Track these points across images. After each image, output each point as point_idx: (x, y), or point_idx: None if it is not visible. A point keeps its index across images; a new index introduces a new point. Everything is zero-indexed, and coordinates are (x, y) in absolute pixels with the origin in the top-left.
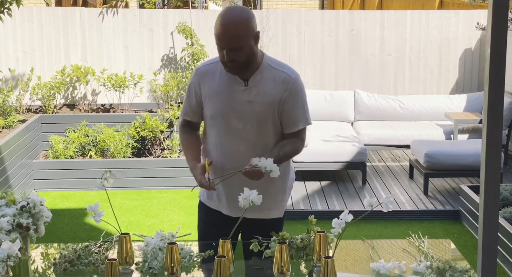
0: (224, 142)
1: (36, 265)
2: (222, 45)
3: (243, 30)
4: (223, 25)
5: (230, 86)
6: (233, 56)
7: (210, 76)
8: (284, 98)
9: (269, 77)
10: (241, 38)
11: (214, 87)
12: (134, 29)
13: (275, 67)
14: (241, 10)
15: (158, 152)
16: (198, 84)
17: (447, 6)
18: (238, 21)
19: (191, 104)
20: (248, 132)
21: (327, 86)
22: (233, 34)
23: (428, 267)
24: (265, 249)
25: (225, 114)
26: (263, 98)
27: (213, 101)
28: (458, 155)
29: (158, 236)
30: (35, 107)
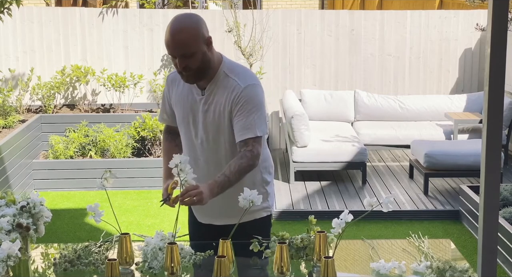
0: (188, 150)
1: (36, 265)
2: (173, 53)
3: (192, 34)
4: (171, 32)
5: (191, 95)
6: (185, 63)
7: (176, 83)
8: (233, 106)
9: (222, 86)
10: (191, 43)
11: (178, 95)
12: (134, 29)
13: (229, 74)
14: (189, 16)
15: (158, 152)
16: (168, 91)
17: (447, 6)
18: (186, 27)
19: (166, 110)
20: (204, 142)
21: (327, 86)
22: (182, 40)
23: (428, 267)
24: (265, 249)
25: (186, 122)
26: (215, 107)
27: (177, 109)
28: (458, 155)
29: (158, 236)
30: (35, 107)
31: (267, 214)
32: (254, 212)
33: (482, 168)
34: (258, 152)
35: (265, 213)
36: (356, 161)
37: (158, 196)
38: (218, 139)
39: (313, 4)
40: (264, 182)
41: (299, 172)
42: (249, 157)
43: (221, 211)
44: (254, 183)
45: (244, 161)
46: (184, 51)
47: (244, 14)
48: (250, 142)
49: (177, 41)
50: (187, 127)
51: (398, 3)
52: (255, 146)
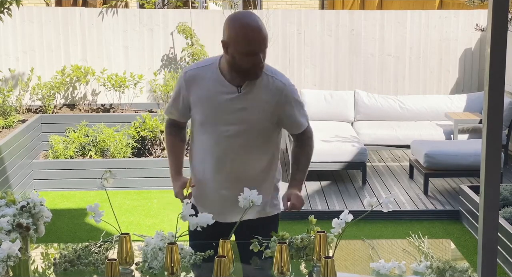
0: (214, 147)
1: (36, 265)
2: (256, 50)
3: (266, 31)
4: (253, 29)
5: (221, 92)
6: (261, 59)
7: (199, 80)
8: (281, 104)
9: (262, 84)
10: (267, 38)
11: (203, 93)
12: (134, 29)
13: (268, 73)
14: (254, 14)
15: (158, 152)
16: (186, 88)
17: (447, 6)
18: (261, 24)
19: (177, 106)
20: (242, 139)
21: (327, 86)
22: (264, 36)
23: (428, 267)
24: (265, 249)
25: (215, 120)
26: (258, 104)
27: (202, 107)
28: (458, 155)
29: (158, 236)
30: (35, 107)
31: (277, 212)
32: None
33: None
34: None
35: (276, 211)
36: (356, 161)
37: (158, 196)
38: (256, 135)
39: (313, 4)
40: (276, 179)
41: None
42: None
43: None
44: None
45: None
46: (265, 46)
47: None
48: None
49: (261, 37)
50: (215, 126)
51: (398, 3)
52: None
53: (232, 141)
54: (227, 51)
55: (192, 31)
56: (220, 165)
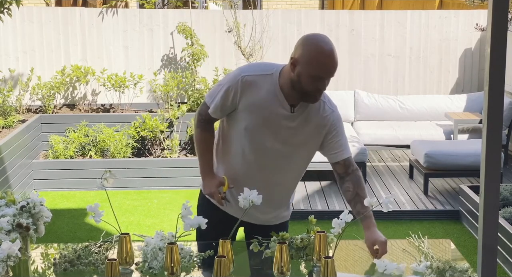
0: (252, 155)
1: (36, 265)
2: (325, 75)
3: (337, 59)
4: (329, 55)
5: (274, 106)
6: (326, 85)
7: (255, 87)
8: (328, 129)
9: (314, 108)
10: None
11: (257, 102)
12: (134, 29)
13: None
14: (328, 38)
15: (158, 152)
16: (239, 92)
17: (447, 6)
18: (335, 50)
19: (223, 106)
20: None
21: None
22: (335, 64)
23: (428, 267)
24: (265, 249)
25: (262, 130)
26: (306, 127)
27: (252, 114)
28: (458, 155)
29: (158, 236)
30: (35, 107)
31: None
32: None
33: (482, 168)
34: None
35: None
36: (356, 161)
37: (158, 196)
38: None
39: (313, 4)
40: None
41: None
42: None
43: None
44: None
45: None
46: (334, 74)
47: (244, 14)
48: (350, 160)
49: (334, 64)
50: (262, 135)
51: (398, 3)
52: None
53: (272, 154)
54: (294, 68)
55: (192, 31)
56: (254, 172)
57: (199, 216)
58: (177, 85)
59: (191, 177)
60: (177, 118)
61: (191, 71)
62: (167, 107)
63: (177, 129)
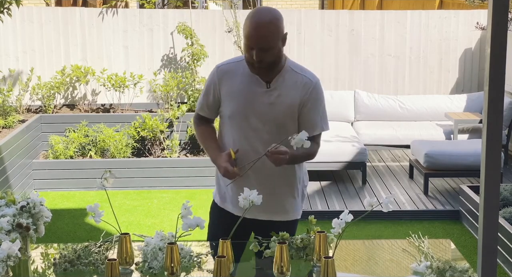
0: (241, 141)
1: (36, 265)
2: (252, 45)
3: (273, 30)
4: (254, 25)
5: (251, 87)
6: (262, 57)
7: (231, 75)
8: (304, 101)
9: (291, 80)
10: (271, 38)
11: (235, 87)
12: (134, 29)
13: (297, 71)
14: (272, 11)
15: (158, 152)
16: (217, 82)
17: (447, 6)
18: (269, 21)
19: (208, 101)
20: (266, 133)
21: (327, 86)
22: (264, 34)
23: (428, 267)
24: (265, 249)
25: (244, 114)
26: (284, 100)
27: (232, 101)
28: (458, 155)
29: (158, 236)
30: (35, 107)
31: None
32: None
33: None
34: (319, 145)
35: (297, 215)
36: (356, 161)
37: (158, 196)
38: (282, 130)
39: (313, 4)
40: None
41: None
42: (316, 150)
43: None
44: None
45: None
46: (263, 45)
47: (244, 14)
48: (319, 136)
49: (259, 34)
50: (245, 119)
51: (398, 3)
52: (319, 140)
53: (258, 135)
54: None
55: (192, 31)
56: (247, 159)
57: (198, 217)
58: (177, 85)
59: (191, 177)
60: (177, 118)
61: (191, 71)
62: (167, 107)
63: (177, 129)
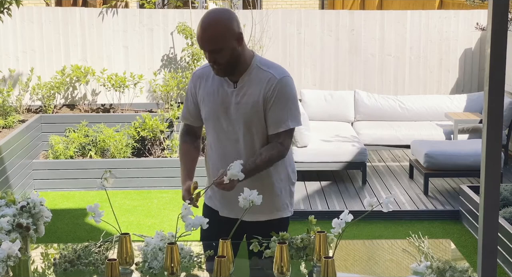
0: (217, 143)
1: (36, 265)
2: (202, 48)
3: (222, 31)
4: (202, 27)
5: (221, 88)
6: (215, 58)
7: (204, 78)
8: (267, 98)
9: (256, 78)
10: (220, 39)
11: (207, 89)
12: (134, 29)
13: (263, 68)
14: (221, 11)
15: (158, 152)
16: (194, 87)
17: (447, 6)
18: (217, 23)
19: (189, 108)
20: (236, 134)
21: (327, 86)
22: (211, 36)
23: (428, 267)
24: (265, 249)
25: (216, 115)
26: (248, 99)
27: (206, 103)
28: (458, 155)
29: (158, 236)
30: (35, 107)
31: (291, 214)
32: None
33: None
34: (289, 144)
35: (289, 213)
36: (356, 161)
37: (158, 196)
38: (251, 131)
39: (313, 4)
40: (290, 181)
41: (299, 172)
42: (280, 149)
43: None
44: (282, 180)
45: (275, 152)
46: (212, 46)
47: (244, 14)
48: (282, 134)
49: (206, 36)
50: (217, 121)
51: (398, 3)
52: (286, 138)
53: (228, 136)
54: None
55: (192, 31)
56: (223, 161)
57: (200, 216)
58: (177, 85)
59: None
60: (177, 118)
61: (191, 71)
62: (167, 107)
63: (177, 129)
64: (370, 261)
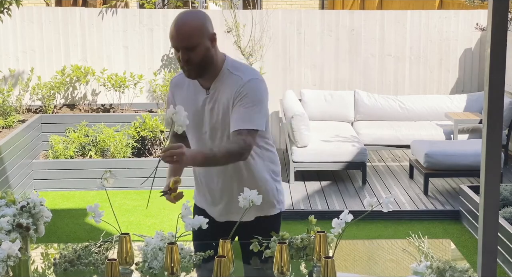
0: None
1: (36, 265)
2: (176, 45)
3: (196, 28)
4: (176, 24)
5: (195, 96)
6: (188, 56)
7: (180, 86)
8: (234, 100)
9: (226, 83)
10: (194, 35)
11: (183, 96)
12: (134, 29)
13: (233, 71)
14: (194, 11)
15: (158, 152)
16: (172, 95)
17: (447, 6)
18: (192, 20)
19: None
20: (212, 140)
21: (327, 86)
22: (185, 32)
23: (428, 267)
24: (265, 249)
25: (193, 123)
26: (220, 105)
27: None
28: (458, 155)
29: (158, 236)
30: (35, 107)
31: (277, 212)
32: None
33: (482, 168)
34: (251, 144)
35: (276, 210)
36: (356, 161)
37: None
38: (223, 136)
39: (313, 4)
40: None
41: (299, 172)
42: (240, 145)
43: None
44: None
45: (235, 146)
46: (187, 43)
47: (244, 14)
48: (245, 132)
49: (181, 32)
50: (195, 128)
51: (398, 3)
52: (248, 137)
53: (208, 142)
54: None
55: None
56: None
57: (200, 216)
58: None
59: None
60: None
61: None
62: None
63: None
64: (370, 261)
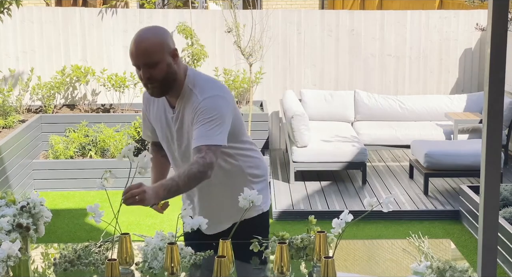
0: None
1: (36, 265)
2: (136, 62)
3: (156, 44)
4: (135, 41)
5: (164, 114)
6: (149, 73)
7: (151, 101)
8: (193, 118)
9: (188, 102)
10: (155, 52)
11: (155, 114)
12: (134, 29)
13: (192, 89)
14: (154, 27)
15: None
16: (146, 109)
17: (447, 6)
18: (150, 36)
19: (148, 126)
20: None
21: (327, 86)
22: (147, 48)
23: (428, 267)
24: (265, 249)
25: (165, 140)
26: (185, 124)
27: (156, 127)
28: (458, 155)
29: (158, 236)
30: (35, 107)
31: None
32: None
33: (482, 168)
34: (211, 160)
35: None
36: (356, 161)
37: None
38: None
39: (313, 4)
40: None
41: (299, 172)
42: (200, 164)
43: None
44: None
45: (194, 167)
46: (147, 59)
47: (244, 14)
48: (204, 149)
49: (140, 49)
50: (167, 144)
51: (398, 3)
52: (209, 154)
53: (180, 158)
54: None
55: (192, 31)
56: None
57: (200, 216)
58: None
59: None
60: None
61: None
62: None
63: None
64: (370, 261)
